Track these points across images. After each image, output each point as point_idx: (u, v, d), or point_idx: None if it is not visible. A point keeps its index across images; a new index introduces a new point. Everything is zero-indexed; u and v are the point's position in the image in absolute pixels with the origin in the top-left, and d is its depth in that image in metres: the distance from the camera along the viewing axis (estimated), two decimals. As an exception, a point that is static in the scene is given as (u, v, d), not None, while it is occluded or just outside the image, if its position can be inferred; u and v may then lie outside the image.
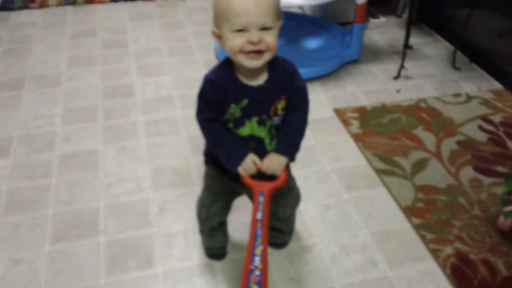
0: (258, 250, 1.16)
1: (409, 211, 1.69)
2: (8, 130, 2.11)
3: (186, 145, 2.03)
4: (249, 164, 1.19)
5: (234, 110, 1.17)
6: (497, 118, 2.17)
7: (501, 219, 1.60)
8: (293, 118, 1.23)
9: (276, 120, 1.21)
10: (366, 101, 2.32)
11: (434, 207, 1.71)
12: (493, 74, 2.51)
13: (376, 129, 2.09)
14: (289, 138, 1.23)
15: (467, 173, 1.87)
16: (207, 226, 1.47)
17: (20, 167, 1.91)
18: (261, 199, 1.19)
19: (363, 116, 2.18)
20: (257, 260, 1.15)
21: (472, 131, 2.09)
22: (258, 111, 1.18)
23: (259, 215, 1.18)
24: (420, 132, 2.08)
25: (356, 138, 2.04)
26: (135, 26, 3.01)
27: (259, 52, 1.08)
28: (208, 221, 1.44)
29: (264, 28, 1.07)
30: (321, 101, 2.32)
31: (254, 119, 1.18)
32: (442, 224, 1.64)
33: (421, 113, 2.20)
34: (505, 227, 1.58)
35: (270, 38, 1.08)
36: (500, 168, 1.89)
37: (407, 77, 2.51)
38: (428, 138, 2.05)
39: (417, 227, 1.63)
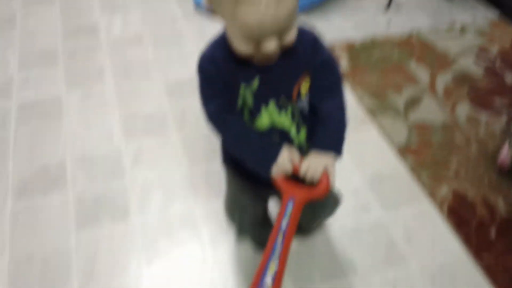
0: (273, 266, 0.88)
1: (403, 151, 1.57)
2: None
3: (160, 88, 1.85)
4: (284, 161, 0.91)
5: (245, 92, 0.91)
6: (493, 50, 2.03)
7: (502, 155, 1.50)
8: (328, 104, 0.95)
9: (301, 104, 0.94)
10: (355, 35, 2.14)
11: (430, 146, 1.60)
12: (490, 1, 2.34)
13: (366, 66, 1.93)
14: (332, 129, 0.94)
15: (464, 108, 1.74)
16: (245, 230, 1.31)
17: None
18: (289, 208, 0.91)
19: (351, 52, 2.01)
20: (269, 279, 0.87)
21: (468, 65, 1.95)
22: (275, 91, 0.92)
23: (283, 224, 0.90)
24: (413, 67, 1.93)
25: (345, 76, 1.88)
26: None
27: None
28: (244, 230, 1.29)
29: (284, 31, 0.81)
30: (306, 37, 2.14)
31: (272, 103, 0.92)
32: (438, 163, 1.54)
33: (413, 46, 2.04)
34: (505, 164, 1.49)
35: (290, 37, 0.83)
36: (498, 102, 1.77)
37: (398, 8, 2.32)
38: (421, 73, 1.90)
39: (412, 168, 1.52)
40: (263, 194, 1.13)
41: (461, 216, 1.39)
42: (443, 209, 1.41)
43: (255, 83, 0.90)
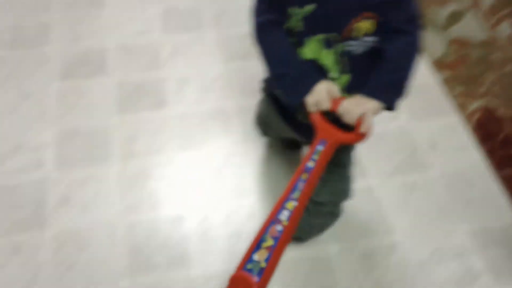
0: (291, 205, 0.86)
1: (438, 64, 1.58)
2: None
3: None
4: (322, 93, 0.83)
5: (296, 15, 0.83)
6: (548, -31, 1.93)
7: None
8: (394, 45, 0.84)
9: (353, 45, 0.85)
10: None
11: (466, 61, 1.59)
12: None
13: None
14: (385, 75, 0.84)
15: (506, 27, 1.70)
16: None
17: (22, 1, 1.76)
18: (320, 148, 0.86)
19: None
20: (284, 214, 0.86)
21: (518, -17, 1.87)
22: (327, 25, 0.83)
23: (310, 164, 0.85)
24: (459, -19, 1.87)
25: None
26: None
27: None
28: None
29: None
30: None
31: (320, 36, 0.84)
32: (472, 79, 1.54)
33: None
34: (541, 84, 1.49)
35: None
36: (543, 24, 1.72)
37: None
38: (468, -12, 1.84)
39: (445, 81, 1.53)
40: (293, 135, 1.06)
41: (488, 130, 1.42)
42: (471, 123, 1.44)
43: (310, 8, 0.82)
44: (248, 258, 0.86)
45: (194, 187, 1.31)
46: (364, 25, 0.83)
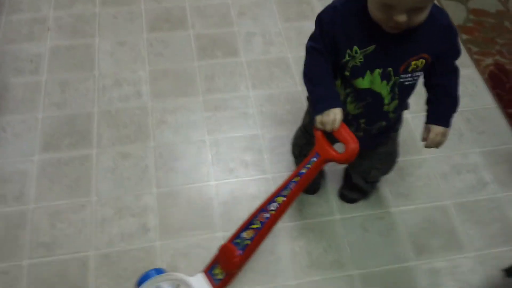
0: (280, 199, 1.05)
1: (460, 29, 1.91)
2: None
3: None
4: (330, 118, 0.97)
5: (357, 54, 0.96)
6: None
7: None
8: (451, 82, 1.04)
9: (405, 78, 0.99)
10: None
11: (482, 27, 1.93)
12: None
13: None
14: (451, 108, 1.05)
15: (517, 1, 2.04)
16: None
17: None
18: (313, 159, 1.02)
19: None
20: (273, 206, 1.05)
21: (528, -34, 2.20)
22: (385, 63, 0.96)
23: (303, 170, 1.03)
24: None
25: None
26: None
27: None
28: (302, 158, 1.31)
29: (416, 9, 0.86)
30: None
31: (377, 72, 0.98)
32: (487, 40, 1.88)
33: None
34: (543, 44, 1.82)
35: (420, 18, 0.88)
36: (547, 0, 2.06)
37: None
38: (485, -32, 2.18)
39: (465, 42, 1.87)
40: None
41: (498, 79, 1.76)
42: (485, 74, 1.77)
43: (370, 49, 0.95)
44: (237, 234, 1.10)
45: (266, 116, 1.65)
46: (418, 63, 0.97)
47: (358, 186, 1.41)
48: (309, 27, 1.03)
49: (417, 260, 1.36)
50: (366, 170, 1.29)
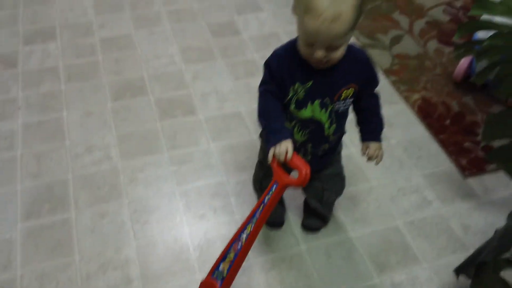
0: (249, 228, 1.15)
1: (387, 72, 2.19)
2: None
3: (204, 28, 2.43)
4: (282, 149, 1.11)
5: (299, 88, 1.15)
6: (458, 3, 2.66)
7: (456, 71, 2.11)
8: (373, 104, 1.26)
9: (339, 105, 1.19)
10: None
11: (407, 68, 2.22)
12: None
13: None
14: (379, 125, 1.28)
15: (433, 44, 2.37)
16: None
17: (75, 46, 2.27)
18: (273, 188, 1.13)
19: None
20: (244, 236, 1.16)
21: (438, 14, 2.58)
22: (322, 94, 1.16)
23: (266, 199, 1.14)
24: (396, 15, 2.55)
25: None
26: None
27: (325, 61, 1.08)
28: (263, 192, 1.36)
29: (332, 47, 1.04)
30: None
31: (317, 102, 1.17)
32: (413, 79, 2.16)
33: (397, 1, 2.66)
34: (458, 78, 2.11)
35: (336, 54, 1.06)
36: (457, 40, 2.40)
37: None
38: (403, 19, 2.52)
39: (393, 82, 2.14)
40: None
41: (427, 112, 2.02)
42: (415, 108, 2.03)
43: (309, 84, 1.14)
44: (215, 266, 1.21)
45: (229, 164, 1.81)
46: (348, 92, 1.17)
47: (316, 211, 1.55)
48: (256, 82, 1.22)
49: (379, 277, 1.50)
50: (319, 192, 1.44)
